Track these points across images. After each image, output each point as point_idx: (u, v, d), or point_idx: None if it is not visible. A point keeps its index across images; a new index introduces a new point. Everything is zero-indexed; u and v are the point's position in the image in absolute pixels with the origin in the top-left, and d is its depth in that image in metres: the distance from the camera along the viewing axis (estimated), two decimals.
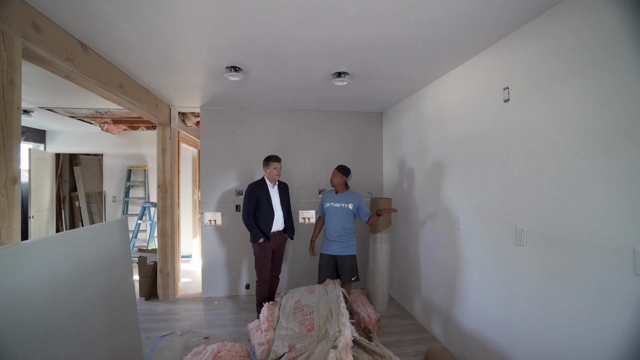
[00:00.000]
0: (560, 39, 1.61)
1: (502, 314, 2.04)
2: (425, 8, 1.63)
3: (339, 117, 4.06)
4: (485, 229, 2.21)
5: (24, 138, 4.81)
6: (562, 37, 1.60)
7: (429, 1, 1.57)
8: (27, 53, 1.64)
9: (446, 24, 1.80)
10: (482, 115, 2.22)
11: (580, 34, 1.51)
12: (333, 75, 2.63)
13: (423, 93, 3.08)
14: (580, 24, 1.51)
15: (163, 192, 3.68)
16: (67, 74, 1.94)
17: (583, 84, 1.50)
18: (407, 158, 3.48)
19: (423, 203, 3.09)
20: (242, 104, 3.64)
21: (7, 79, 1.48)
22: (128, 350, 2.30)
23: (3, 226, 1.50)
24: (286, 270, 3.93)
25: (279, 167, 3.14)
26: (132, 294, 2.42)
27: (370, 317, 2.96)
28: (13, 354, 1.39)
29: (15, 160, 1.55)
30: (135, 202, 5.44)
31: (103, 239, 2.12)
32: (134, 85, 2.71)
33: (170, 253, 3.71)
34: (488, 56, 2.15)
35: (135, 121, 4.61)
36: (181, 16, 1.70)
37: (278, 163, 3.14)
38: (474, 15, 1.71)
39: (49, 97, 3.33)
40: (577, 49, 1.53)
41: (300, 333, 2.11)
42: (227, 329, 3.02)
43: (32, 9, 1.61)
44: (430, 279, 2.96)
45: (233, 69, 2.44)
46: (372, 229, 3.45)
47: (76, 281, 1.82)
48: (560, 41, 1.61)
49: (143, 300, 3.69)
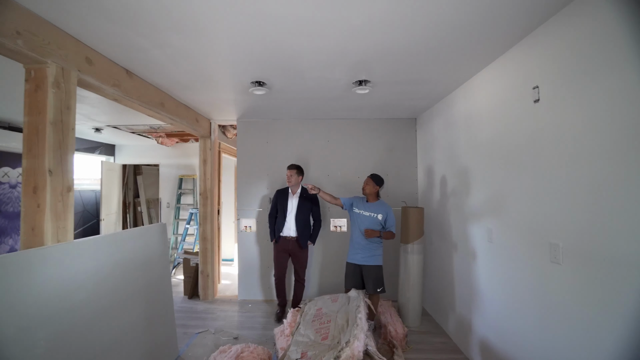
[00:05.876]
0: (594, 29, 1.44)
1: (538, 341, 1.81)
2: (434, 11, 1.58)
3: (369, 124, 4.03)
4: (517, 242, 2.00)
5: (97, 152, 5.61)
6: (596, 26, 1.43)
7: (435, 4, 1.52)
8: (81, 82, 1.95)
9: (461, 24, 1.71)
10: (511, 118, 2.05)
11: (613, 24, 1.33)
12: (354, 84, 2.64)
13: (453, 97, 2.93)
14: (611, 15, 1.33)
15: (204, 200, 3.99)
16: (115, 97, 2.26)
17: (625, 79, 1.30)
18: (439, 165, 3.31)
19: (455, 213, 2.91)
20: (273, 115, 3.82)
21: (65, 105, 1.78)
22: (164, 342, 2.52)
23: (59, 226, 1.76)
24: (317, 277, 3.96)
25: (288, 174, 3.42)
26: (169, 292, 2.67)
27: (397, 331, 2.85)
28: (66, 333, 1.64)
29: (70, 172, 1.84)
30: (185, 207, 5.96)
31: (143, 240, 2.38)
32: (173, 102, 3.03)
33: (209, 256, 3.99)
34: (515, 53, 1.98)
35: (185, 134, 5.09)
36: (202, 39, 1.87)
37: (288, 170, 3.43)
38: (493, 13, 1.61)
39: (113, 117, 3.86)
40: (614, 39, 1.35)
41: (315, 341, 2.13)
42: (255, 332, 3.14)
43: (86, 46, 1.92)
44: (464, 294, 2.75)
45: (257, 83, 2.60)
46: (403, 239, 3.33)
47: (118, 276, 2.08)
48: (594, 31, 1.44)
49: (186, 299, 4.01)
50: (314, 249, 3.94)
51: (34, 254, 1.52)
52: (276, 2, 1.51)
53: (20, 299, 1.43)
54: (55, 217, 1.70)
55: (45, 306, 1.53)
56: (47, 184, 1.65)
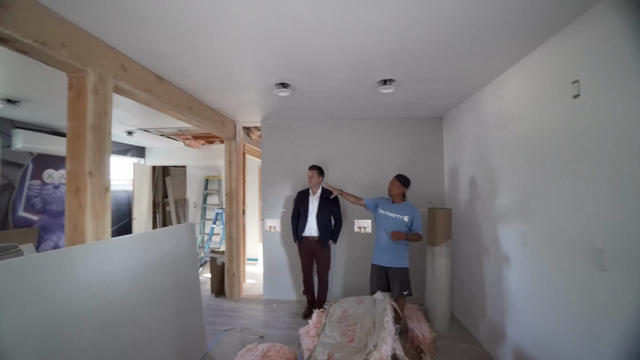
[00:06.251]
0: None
1: (583, 352, 1.68)
2: (461, 6, 1.52)
3: (393, 124, 3.96)
4: (556, 247, 1.89)
5: (129, 154, 5.89)
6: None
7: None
8: (116, 88, 2.04)
9: (491, 18, 1.64)
10: (548, 115, 1.93)
11: None
12: (378, 84, 2.60)
13: (482, 94, 2.81)
14: None
15: (229, 200, 4.08)
16: (147, 102, 2.35)
17: None
18: (467, 165, 3.19)
19: (485, 214, 2.80)
20: (296, 116, 3.84)
21: (102, 110, 1.87)
22: (193, 338, 2.59)
23: (99, 225, 1.86)
24: (341, 278, 3.94)
25: (309, 174, 3.48)
26: (197, 289, 2.75)
27: (424, 335, 2.77)
28: (107, 326, 1.73)
29: (107, 173, 1.93)
30: (211, 208, 6.13)
31: (173, 239, 2.47)
32: (201, 106, 3.12)
33: (235, 255, 4.07)
34: (552, 46, 1.87)
35: (210, 136, 5.24)
36: (228, 43, 1.91)
37: (309, 170, 3.50)
38: (527, 8, 1.53)
39: (143, 120, 4.04)
40: None
41: (341, 343, 2.11)
42: (281, 331, 3.16)
43: (120, 53, 2.02)
44: (496, 300, 2.63)
45: (282, 85, 2.62)
46: (430, 241, 3.25)
47: (151, 273, 2.16)
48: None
49: (213, 297, 4.12)
50: (338, 250, 3.92)
51: (78, 251, 1.61)
52: (299, 4, 1.51)
53: (68, 291, 1.52)
54: (94, 216, 1.79)
55: (89, 299, 1.62)
56: (87, 184, 1.75)
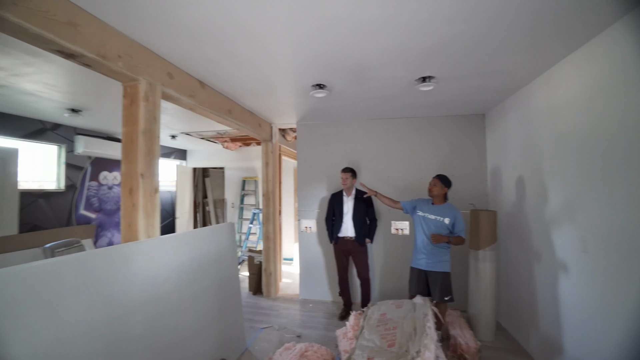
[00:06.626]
0: None
1: None
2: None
3: (431, 122, 3.81)
4: (623, 255, 1.69)
5: (172, 156, 6.25)
6: None
7: None
8: (164, 95, 2.16)
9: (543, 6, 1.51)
10: (613, 107, 1.74)
11: None
12: (417, 81, 2.51)
13: (530, 89, 2.61)
14: None
15: (266, 200, 4.17)
16: (191, 107, 2.47)
17: None
18: (513, 164, 2.98)
19: (536, 217, 2.59)
20: (332, 117, 3.83)
21: (152, 116, 2.00)
22: (233, 333, 2.68)
23: (149, 223, 1.98)
24: (378, 281, 3.87)
25: (343, 177, 3.46)
26: (237, 286, 2.83)
27: (468, 344, 2.63)
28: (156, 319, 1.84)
29: (156, 175, 2.05)
30: (248, 208, 6.33)
31: (215, 238, 2.57)
32: (239, 109, 3.22)
33: (272, 255, 4.15)
34: (615, 32, 1.68)
35: (247, 138, 5.40)
36: (266, 47, 1.95)
37: (343, 173, 3.47)
38: None
39: (184, 124, 4.26)
40: None
41: (381, 347, 2.06)
42: (317, 332, 3.17)
43: (167, 62, 2.14)
44: (550, 310, 2.42)
45: (318, 86, 2.62)
46: (473, 245, 3.08)
47: (195, 270, 2.26)
48: None
49: (251, 295, 4.24)
50: (374, 252, 3.85)
51: (132, 247, 1.72)
52: (336, 4, 1.50)
53: (125, 285, 1.64)
54: (146, 215, 1.91)
55: (141, 292, 1.73)
56: (139, 186, 1.87)
